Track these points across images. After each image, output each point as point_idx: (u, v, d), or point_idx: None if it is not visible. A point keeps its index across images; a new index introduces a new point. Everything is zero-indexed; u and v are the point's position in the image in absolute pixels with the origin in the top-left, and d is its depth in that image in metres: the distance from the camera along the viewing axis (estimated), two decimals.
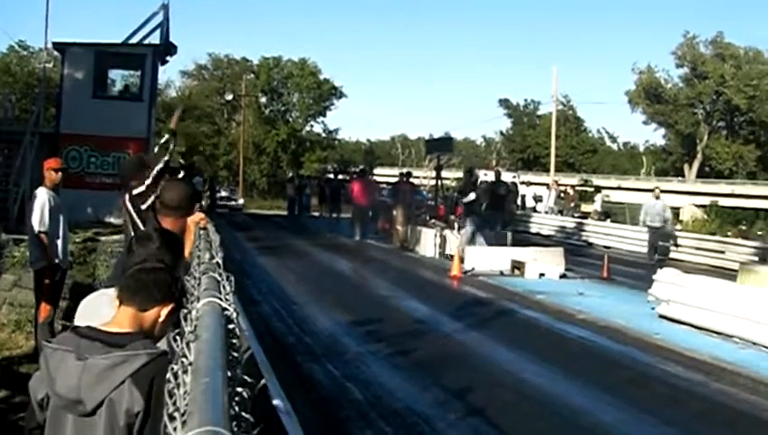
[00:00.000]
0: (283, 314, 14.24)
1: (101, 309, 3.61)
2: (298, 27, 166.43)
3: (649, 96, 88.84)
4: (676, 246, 27.70)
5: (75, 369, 3.07)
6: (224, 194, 51.56)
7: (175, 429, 1.58)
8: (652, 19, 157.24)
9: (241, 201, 53.57)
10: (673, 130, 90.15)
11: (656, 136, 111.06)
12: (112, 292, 3.59)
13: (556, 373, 10.84)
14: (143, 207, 6.65)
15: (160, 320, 3.35)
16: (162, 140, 7.43)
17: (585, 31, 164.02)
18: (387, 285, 18.32)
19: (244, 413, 1.76)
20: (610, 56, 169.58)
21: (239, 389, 1.87)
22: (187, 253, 4.97)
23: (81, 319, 3.78)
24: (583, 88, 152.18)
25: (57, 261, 10.66)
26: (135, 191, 6.83)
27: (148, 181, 6.69)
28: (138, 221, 6.70)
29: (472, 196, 23.40)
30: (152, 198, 6.44)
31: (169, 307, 3.34)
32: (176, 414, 1.66)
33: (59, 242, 10.59)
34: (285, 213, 46.47)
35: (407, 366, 10.85)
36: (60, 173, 10.70)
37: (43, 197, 10.31)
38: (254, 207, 56.71)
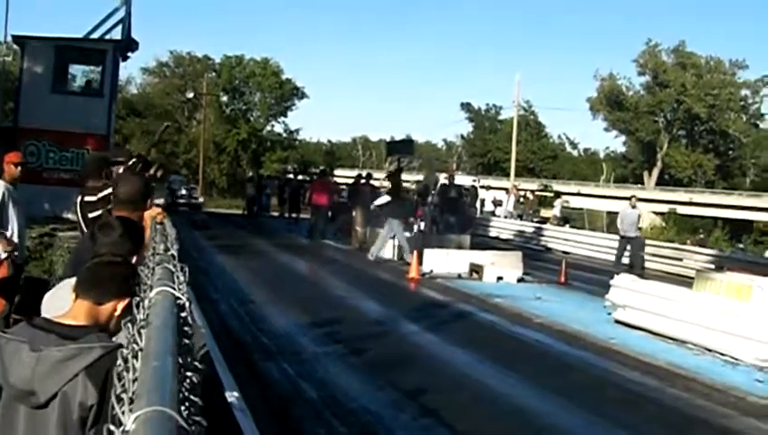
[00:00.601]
0: (241, 313, 14.18)
1: (66, 297, 3.58)
2: (261, 27, 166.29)
3: (611, 103, 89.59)
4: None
5: (29, 360, 3.04)
6: (183, 192, 51.00)
7: (123, 411, 1.57)
8: (615, 26, 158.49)
9: (201, 199, 53.11)
10: (633, 138, 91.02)
11: (616, 143, 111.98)
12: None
13: (512, 377, 10.89)
14: (91, 216, 6.58)
15: (116, 314, 3.33)
16: (130, 162, 7.36)
17: (548, 37, 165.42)
18: (345, 286, 18.29)
19: (193, 397, 1.76)
20: (573, 63, 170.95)
21: (189, 374, 1.87)
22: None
23: (47, 310, 3.76)
24: (545, 94, 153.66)
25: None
26: (87, 198, 6.75)
27: (102, 193, 6.62)
28: (84, 228, 6.62)
29: (385, 198, 23.73)
30: (101, 211, 6.37)
31: (126, 301, 3.32)
32: (123, 396, 1.66)
33: (15, 237, 10.46)
34: (244, 212, 46.13)
35: (362, 367, 10.84)
36: (19, 168, 10.57)
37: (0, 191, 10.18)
38: (213, 206, 56.40)
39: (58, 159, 25.04)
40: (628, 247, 25.17)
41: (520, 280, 20.28)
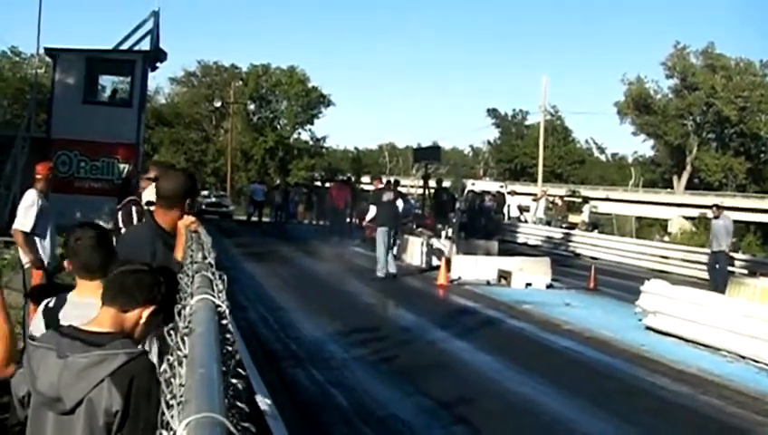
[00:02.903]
0: (270, 320, 14.24)
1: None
2: (287, 35, 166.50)
3: (639, 107, 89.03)
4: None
5: (56, 367, 3.09)
6: (213, 200, 51.06)
7: (172, 416, 1.60)
8: (642, 29, 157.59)
9: (232, 207, 53.03)
10: (662, 142, 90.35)
11: (644, 147, 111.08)
12: None
13: (541, 383, 10.84)
14: None
15: (141, 321, 3.37)
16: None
17: (575, 41, 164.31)
18: (372, 293, 18.32)
19: (239, 403, 1.79)
20: (600, 67, 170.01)
21: (233, 380, 1.90)
22: (178, 256, 4.95)
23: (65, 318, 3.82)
24: (572, 98, 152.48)
25: (45, 263, 10.63)
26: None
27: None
28: None
29: (373, 210, 22.49)
30: None
31: (150, 309, 3.36)
32: (173, 402, 1.69)
33: (46, 244, 10.58)
34: (271, 220, 46.20)
35: (391, 373, 10.86)
36: (50, 177, 10.69)
37: (31, 198, 10.29)
38: (241, 213, 56.61)
39: (89, 169, 25.31)
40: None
41: (549, 286, 20.21)
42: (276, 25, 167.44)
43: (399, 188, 31.00)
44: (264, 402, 6.95)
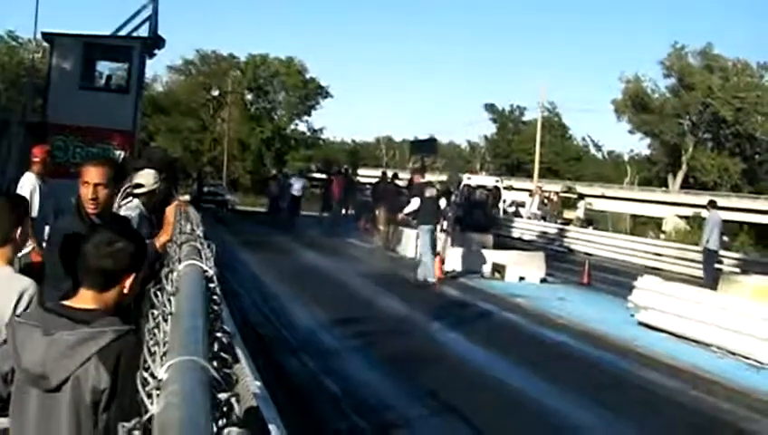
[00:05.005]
0: (264, 309, 14.26)
1: None
2: (286, 26, 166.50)
3: (636, 105, 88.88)
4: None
5: (41, 344, 3.05)
6: (210, 189, 50.87)
7: (154, 361, 1.59)
8: (641, 28, 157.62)
9: (229, 197, 52.90)
10: (658, 141, 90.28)
11: (641, 145, 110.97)
12: None
13: (533, 376, 10.88)
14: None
15: (125, 291, 3.33)
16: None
17: (573, 38, 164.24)
18: (367, 284, 18.28)
19: (223, 353, 1.78)
20: (598, 64, 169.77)
21: (219, 335, 1.90)
22: (162, 242, 4.97)
23: None
24: (569, 95, 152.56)
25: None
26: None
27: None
28: None
29: (415, 203, 20.63)
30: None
31: (132, 277, 3.31)
32: (155, 349, 1.69)
33: (46, 229, 10.57)
34: (267, 210, 46.18)
35: (383, 363, 10.87)
36: (47, 160, 10.68)
37: (31, 182, 10.27)
38: (239, 202, 56.66)
39: (85, 155, 25.19)
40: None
41: (542, 280, 20.25)
42: (275, 16, 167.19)
43: (398, 181, 31.15)
44: (254, 386, 6.95)
